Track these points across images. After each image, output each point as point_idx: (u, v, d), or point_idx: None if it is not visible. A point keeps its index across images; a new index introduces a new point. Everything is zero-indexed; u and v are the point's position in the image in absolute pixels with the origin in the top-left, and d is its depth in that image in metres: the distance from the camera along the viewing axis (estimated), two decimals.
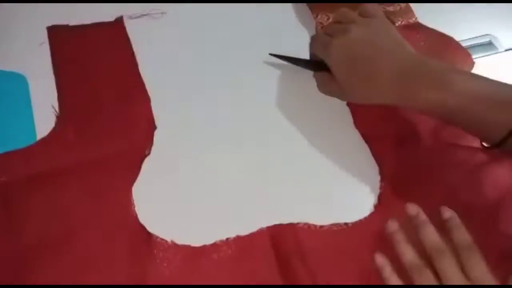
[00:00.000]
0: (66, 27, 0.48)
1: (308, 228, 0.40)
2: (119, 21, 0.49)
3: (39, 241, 0.36)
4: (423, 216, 0.36)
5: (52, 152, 0.41)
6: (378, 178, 0.44)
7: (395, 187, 0.43)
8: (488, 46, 0.54)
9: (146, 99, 0.45)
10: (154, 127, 0.44)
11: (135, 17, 0.50)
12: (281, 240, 0.39)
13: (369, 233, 0.40)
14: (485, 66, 0.53)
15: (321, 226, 0.40)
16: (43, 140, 0.42)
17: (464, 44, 0.54)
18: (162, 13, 0.51)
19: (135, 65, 0.47)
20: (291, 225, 0.39)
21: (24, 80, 0.47)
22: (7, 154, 0.40)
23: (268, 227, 0.39)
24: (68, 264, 0.36)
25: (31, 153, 0.41)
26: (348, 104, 0.48)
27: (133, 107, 0.45)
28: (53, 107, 0.44)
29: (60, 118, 0.43)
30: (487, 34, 0.54)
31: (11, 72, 0.47)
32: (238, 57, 0.50)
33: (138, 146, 0.42)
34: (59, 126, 0.43)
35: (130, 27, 0.50)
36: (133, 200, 0.40)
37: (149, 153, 0.43)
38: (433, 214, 0.36)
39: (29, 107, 0.45)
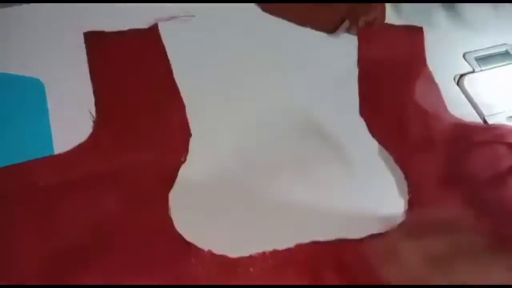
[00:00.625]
0: (102, 33, 0.48)
1: (347, 243, 0.39)
2: (154, 28, 0.49)
3: (77, 247, 0.36)
4: None
5: (89, 158, 0.40)
6: (405, 183, 0.44)
7: (423, 190, 0.43)
8: (505, 55, 0.55)
9: (181, 106, 0.45)
10: (189, 134, 0.43)
11: (165, 20, 0.49)
12: (319, 256, 0.38)
13: (404, 240, 0.39)
14: (501, 76, 0.53)
15: (359, 240, 0.39)
16: (81, 145, 0.41)
17: (480, 54, 0.54)
18: (191, 16, 0.51)
19: (170, 71, 0.47)
20: (329, 242, 0.39)
21: (41, 86, 0.45)
22: (44, 159, 0.40)
23: (307, 244, 0.39)
24: (105, 270, 0.35)
25: (69, 158, 0.40)
26: (361, 114, 0.47)
27: (168, 114, 0.44)
28: (90, 112, 0.43)
29: (97, 124, 0.42)
30: (503, 44, 0.55)
31: (27, 77, 0.46)
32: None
33: (173, 153, 0.42)
34: (96, 132, 0.42)
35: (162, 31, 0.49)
36: (170, 207, 0.39)
37: (184, 160, 0.42)
38: (462, 215, 0.36)
39: (45, 113, 0.44)
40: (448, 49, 0.54)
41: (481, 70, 0.53)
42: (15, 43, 0.48)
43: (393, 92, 0.49)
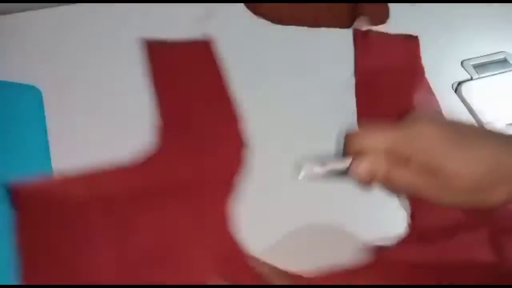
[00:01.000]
0: (160, 41, 0.49)
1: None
2: (209, 38, 0.50)
3: (142, 257, 0.36)
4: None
5: (154, 169, 0.40)
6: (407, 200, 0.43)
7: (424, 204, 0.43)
8: (503, 63, 0.55)
9: (238, 118, 0.45)
10: (247, 146, 0.44)
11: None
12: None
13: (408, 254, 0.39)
14: (499, 83, 0.53)
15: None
16: (146, 156, 0.41)
17: (478, 61, 0.55)
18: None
19: (226, 82, 0.47)
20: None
21: (38, 93, 0.45)
22: (110, 170, 0.39)
23: None
24: (170, 281, 0.35)
25: (134, 170, 0.40)
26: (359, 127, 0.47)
27: (227, 125, 0.45)
28: (153, 124, 0.44)
29: (163, 135, 0.43)
30: (501, 51, 0.55)
31: (25, 85, 0.46)
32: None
33: (234, 165, 0.42)
34: (160, 143, 0.42)
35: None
36: (232, 219, 0.39)
37: (245, 173, 0.42)
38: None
39: (42, 120, 0.44)
40: (445, 56, 0.54)
41: (479, 78, 0.53)
42: (13, 51, 0.48)
43: (392, 104, 0.48)
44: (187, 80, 0.47)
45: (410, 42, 0.54)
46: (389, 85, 0.50)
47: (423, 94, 0.50)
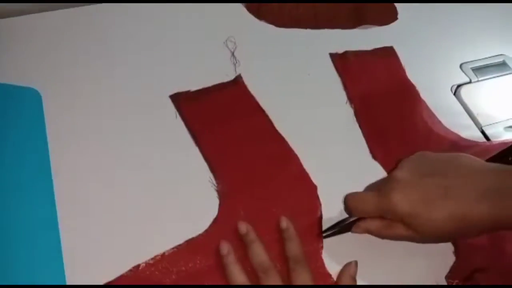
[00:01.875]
0: (188, 93, 0.47)
1: None
2: (238, 79, 0.49)
3: None
4: (252, 235, 0.38)
5: (226, 232, 0.39)
6: None
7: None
8: (502, 66, 0.55)
9: (295, 158, 0.44)
10: (314, 186, 0.43)
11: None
12: None
13: None
14: (498, 86, 0.54)
15: None
16: (215, 220, 0.40)
17: (477, 64, 0.55)
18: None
19: (269, 121, 0.46)
20: None
21: (37, 96, 0.45)
22: (182, 248, 0.38)
23: None
24: None
25: (209, 238, 0.39)
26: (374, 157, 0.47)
27: (286, 168, 0.44)
28: (211, 181, 0.42)
29: (223, 193, 0.41)
30: (500, 55, 0.55)
31: (24, 87, 0.46)
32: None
33: (308, 208, 0.42)
34: (225, 203, 0.41)
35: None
36: (325, 264, 0.39)
37: (321, 214, 0.42)
38: None
39: (42, 123, 0.44)
40: (445, 59, 0.55)
41: (478, 81, 0.53)
42: (13, 54, 0.48)
43: (394, 124, 0.48)
44: (229, 127, 0.45)
45: (388, 55, 0.54)
46: (388, 109, 0.49)
47: (424, 113, 0.50)
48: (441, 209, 0.36)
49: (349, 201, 0.40)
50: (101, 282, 0.35)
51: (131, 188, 0.41)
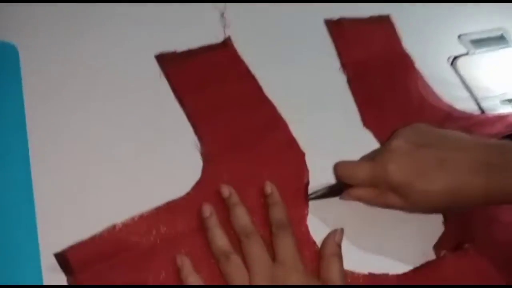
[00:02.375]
0: (175, 54, 0.44)
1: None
2: (227, 41, 0.46)
3: None
4: (234, 198, 0.37)
5: (210, 194, 0.37)
6: None
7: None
8: (500, 39, 0.53)
9: (284, 124, 0.42)
10: (302, 153, 0.41)
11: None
12: None
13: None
14: (496, 60, 0.52)
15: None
16: (198, 183, 0.38)
17: (475, 37, 0.53)
18: None
19: (258, 86, 0.44)
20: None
21: (15, 51, 0.43)
22: (165, 207, 0.36)
23: None
24: None
25: (191, 201, 0.37)
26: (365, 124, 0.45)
27: (274, 134, 0.42)
28: (196, 144, 0.40)
29: (206, 156, 0.39)
30: (499, 28, 0.54)
31: (1, 42, 0.43)
32: None
33: (295, 175, 0.40)
34: (208, 167, 0.39)
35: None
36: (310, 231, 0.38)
37: (308, 181, 0.40)
38: None
39: (19, 80, 0.42)
40: (443, 30, 0.53)
41: (475, 53, 0.52)
42: None
43: (388, 93, 0.47)
44: (216, 90, 0.43)
45: (384, 23, 0.52)
46: (382, 77, 0.48)
47: (419, 83, 0.48)
48: (436, 181, 0.36)
49: (341, 169, 0.39)
50: (75, 241, 0.34)
51: (111, 147, 0.39)
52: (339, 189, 0.39)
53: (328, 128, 0.44)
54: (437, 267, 0.37)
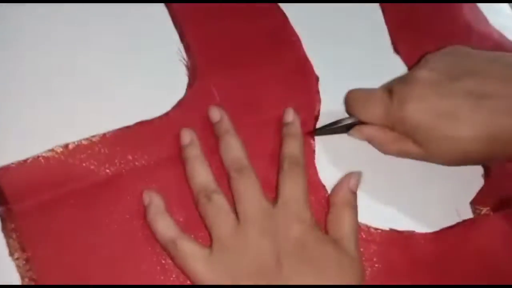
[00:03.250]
0: None
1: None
2: None
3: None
4: (226, 124, 0.29)
5: (194, 119, 0.29)
6: None
7: None
8: None
9: (296, 39, 0.33)
10: (315, 77, 0.33)
11: None
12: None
13: None
14: None
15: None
16: (181, 103, 0.29)
17: None
18: None
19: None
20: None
21: None
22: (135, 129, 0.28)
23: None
24: None
25: (166, 125, 0.29)
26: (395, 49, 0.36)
27: (282, 49, 0.33)
28: (181, 53, 0.31)
29: (194, 71, 0.30)
30: None
31: None
32: None
33: (304, 103, 0.31)
34: (197, 83, 0.30)
35: None
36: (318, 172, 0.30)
37: (319, 113, 0.32)
38: None
39: None
40: None
41: None
42: None
43: (427, 13, 0.38)
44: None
45: None
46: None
47: (466, 7, 0.39)
48: (469, 125, 0.28)
49: (351, 99, 0.31)
50: (15, 159, 0.26)
51: (76, 52, 0.30)
52: (350, 124, 0.31)
53: (350, 50, 0.35)
54: (473, 228, 0.30)
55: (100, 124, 0.28)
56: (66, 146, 0.26)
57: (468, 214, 0.31)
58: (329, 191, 0.29)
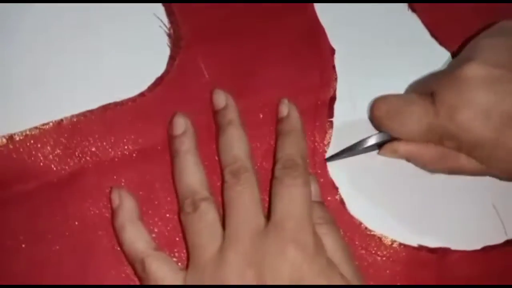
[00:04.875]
0: None
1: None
2: None
3: None
4: (232, 113, 0.23)
5: (178, 100, 0.23)
6: None
7: None
8: None
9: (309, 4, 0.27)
10: (331, 49, 0.26)
11: None
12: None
13: None
14: None
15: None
16: (162, 79, 0.24)
17: None
18: None
19: None
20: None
21: None
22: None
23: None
24: None
25: (141, 108, 0.23)
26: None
27: (291, 15, 0.26)
28: (160, 20, 0.25)
29: (177, 42, 0.24)
30: None
31: None
32: None
33: (316, 82, 0.25)
34: (182, 55, 0.24)
35: None
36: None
37: (334, 95, 0.25)
38: None
39: None
40: None
41: None
42: None
43: None
44: None
45: None
46: None
47: None
48: None
49: (381, 111, 0.24)
50: None
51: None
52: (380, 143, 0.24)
53: (373, 16, 0.28)
54: None
55: (55, 110, 0.22)
56: (10, 137, 0.21)
57: None
58: (342, 194, 0.23)
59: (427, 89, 0.23)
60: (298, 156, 0.22)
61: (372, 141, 0.24)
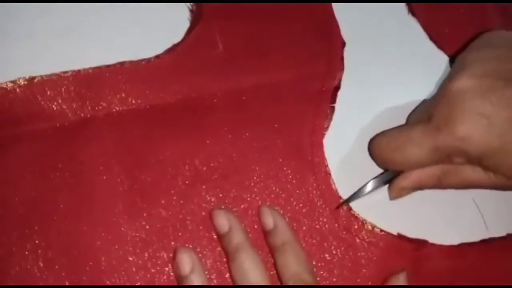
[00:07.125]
0: None
1: None
2: None
3: None
4: (238, 237, 0.22)
5: (188, 65, 0.25)
6: None
7: None
8: None
9: None
10: (341, 41, 0.27)
11: None
12: None
13: None
14: None
15: None
16: (176, 47, 0.25)
17: None
18: None
19: None
20: None
21: None
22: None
23: None
24: None
25: (157, 65, 0.24)
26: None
27: (306, 3, 0.27)
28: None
29: (198, 13, 0.26)
30: None
31: None
32: None
33: (323, 71, 0.26)
34: (199, 27, 0.25)
35: None
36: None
37: (339, 84, 0.26)
38: None
39: None
40: None
41: None
42: None
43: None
44: None
45: None
46: None
47: None
48: None
49: (381, 149, 0.24)
50: None
51: None
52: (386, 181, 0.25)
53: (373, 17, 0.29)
54: (504, 248, 0.24)
55: (77, 61, 0.24)
56: (31, 79, 0.23)
57: (500, 231, 0.25)
58: (333, 177, 0.24)
59: (424, 115, 0.23)
60: (305, 272, 0.22)
61: (378, 181, 0.24)
